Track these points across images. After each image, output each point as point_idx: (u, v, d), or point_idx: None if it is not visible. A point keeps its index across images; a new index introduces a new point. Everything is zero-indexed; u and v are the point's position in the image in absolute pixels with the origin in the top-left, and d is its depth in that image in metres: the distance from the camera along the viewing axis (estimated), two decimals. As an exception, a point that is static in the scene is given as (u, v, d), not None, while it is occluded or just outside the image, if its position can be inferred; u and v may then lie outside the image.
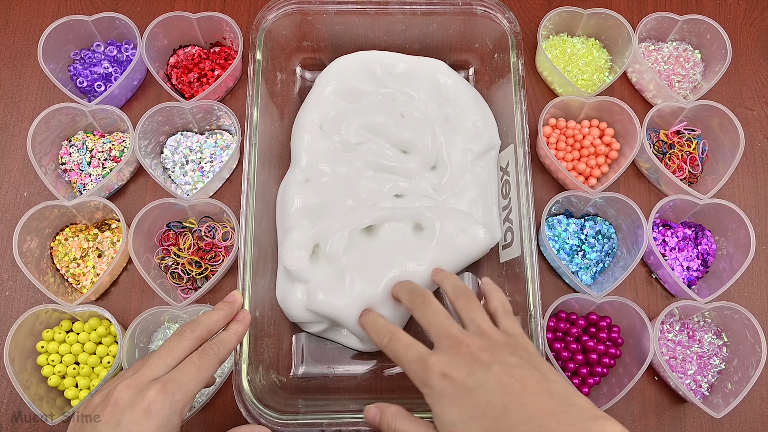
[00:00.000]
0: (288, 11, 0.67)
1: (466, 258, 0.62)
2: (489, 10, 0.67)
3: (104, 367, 0.63)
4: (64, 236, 0.67)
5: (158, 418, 0.40)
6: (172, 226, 0.67)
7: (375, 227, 0.63)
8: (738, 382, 0.61)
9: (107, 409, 0.40)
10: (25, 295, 0.66)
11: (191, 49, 0.75)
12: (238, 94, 0.74)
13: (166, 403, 0.40)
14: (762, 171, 0.73)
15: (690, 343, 0.65)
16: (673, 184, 0.68)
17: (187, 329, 0.45)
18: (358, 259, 0.60)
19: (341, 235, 0.60)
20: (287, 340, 0.64)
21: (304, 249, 0.60)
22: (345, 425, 0.54)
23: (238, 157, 0.70)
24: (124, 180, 0.70)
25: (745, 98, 0.75)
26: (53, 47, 0.70)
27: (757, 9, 0.79)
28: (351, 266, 0.59)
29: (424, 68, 0.70)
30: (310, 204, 0.62)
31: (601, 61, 0.74)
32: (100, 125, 0.71)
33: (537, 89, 0.75)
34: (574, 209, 0.69)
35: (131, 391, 0.41)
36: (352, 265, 0.59)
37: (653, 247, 0.64)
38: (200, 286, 0.65)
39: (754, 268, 0.69)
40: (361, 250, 0.61)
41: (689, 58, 0.75)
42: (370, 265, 0.60)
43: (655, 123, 0.72)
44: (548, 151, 0.67)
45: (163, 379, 0.42)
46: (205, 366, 0.44)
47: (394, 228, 0.62)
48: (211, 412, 0.63)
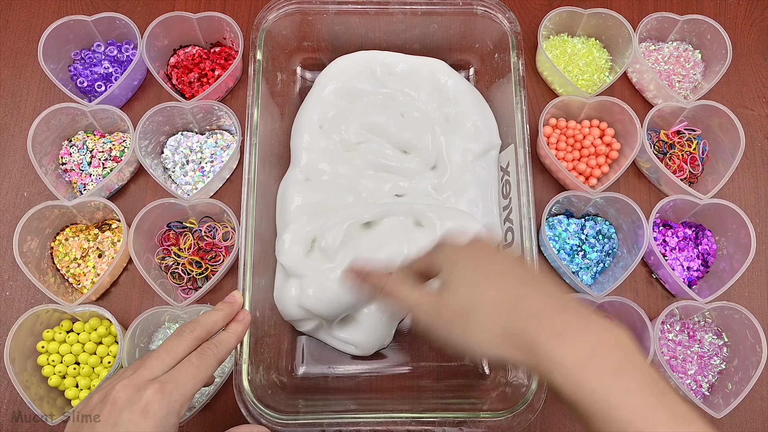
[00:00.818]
0: (288, 11, 0.67)
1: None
2: (489, 10, 0.67)
3: (104, 367, 0.63)
4: (65, 236, 0.67)
5: (155, 418, 0.40)
6: (173, 226, 0.67)
7: (373, 223, 0.62)
8: (738, 382, 0.61)
9: (105, 408, 0.40)
10: (25, 295, 0.66)
11: (191, 49, 0.75)
12: (238, 94, 0.74)
13: (164, 402, 0.40)
14: (762, 171, 0.73)
15: (690, 343, 0.65)
16: (674, 184, 0.68)
17: (186, 329, 0.45)
18: (353, 254, 0.60)
19: (338, 230, 0.59)
20: (287, 340, 0.64)
21: (299, 244, 0.60)
22: (345, 425, 0.54)
23: (239, 157, 0.71)
24: (124, 180, 0.70)
25: (745, 98, 0.75)
26: (53, 47, 0.70)
27: (757, 9, 0.79)
28: (345, 261, 0.59)
29: (425, 68, 0.70)
30: (310, 202, 0.62)
31: (602, 61, 0.74)
32: (100, 125, 0.71)
33: (537, 89, 0.75)
34: (574, 209, 0.69)
35: (129, 391, 0.41)
36: (347, 259, 0.59)
37: (653, 247, 0.64)
38: (200, 286, 0.65)
39: (754, 268, 0.69)
40: (358, 246, 0.61)
41: (689, 58, 0.75)
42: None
43: (655, 123, 0.72)
44: (548, 151, 0.67)
45: (160, 379, 0.42)
46: (203, 366, 0.44)
47: (392, 224, 0.62)
48: (211, 412, 0.63)
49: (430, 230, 0.62)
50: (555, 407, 0.64)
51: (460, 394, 0.62)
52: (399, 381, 0.64)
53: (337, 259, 0.59)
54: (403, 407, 0.58)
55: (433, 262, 0.47)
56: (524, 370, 0.57)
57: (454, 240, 0.49)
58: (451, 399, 0.61)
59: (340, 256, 0.59)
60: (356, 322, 0.62)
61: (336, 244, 0.59)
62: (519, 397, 0.55)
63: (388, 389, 0.63)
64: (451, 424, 0.54)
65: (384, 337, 0.63)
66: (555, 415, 0.64)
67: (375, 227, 0.62)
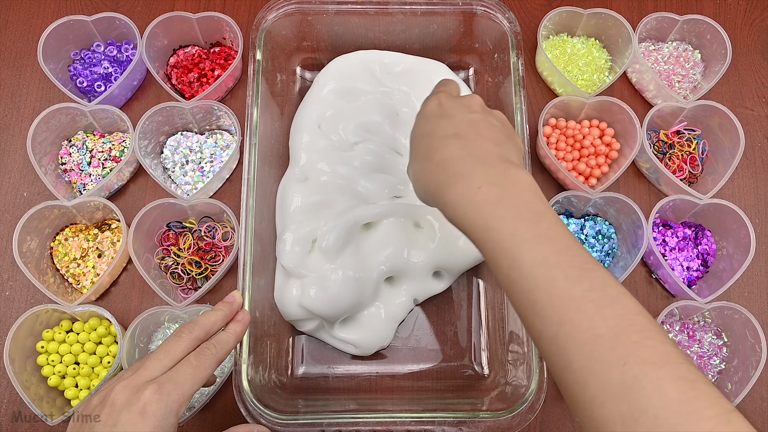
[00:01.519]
0: (288, 11, 0.67)
1: (468, 261, 0.62)
2: (489, 10, 0.67)
3: (104, 367, 0.63)
4: (64, 236, 0.67)
5: (154, 419, 0.40)
6: (172, 226, 0.67)
7: (373, 224, 0.62)
8: (738, 383, 0.61)
9: (105, 410, 0.41)
10: (25, 295, 0.66)
11: (191, 49, 0.75)
12: (238, 94, 0.74)
13: (162, 403, 0.41)
14: (762, 171, 0.73)
15: (690, 343, 0.65)
16: (673, 184, 0.68)
17: (185, 330, 0.45)
18: (354, 255, 0.60)
19: (339, 231, 0.59)
20: (287, 340, 0.64)
21: (300, 245, 0.60)
22: (345, 425, 0.54)
23: (238, 157, 0.70)
24: (124, 180, 0.70)
25: (745, 98, 0.75)
26: (53, 47, 0.70)
27: (757, 9, 0.79)
28: (346, 262, 0.59)
29: (424, 69, 0.70)
30: (310, 202, 0.62)
31: (601, 61, 0.74)
32: (100, 125, 0.71)
33: (537, 89, 0.75)
34: (574, 209, 0.69)
35: (127, 391, 0.41)
36: (348, 260, 0.59)
37: (653, 247, 0.64)
38: (200, 286, 0.65)
39: (754, 268, 0.69)
40: (358, 247, 0.61)
41: (689, 58, 0.75)
42: (365, 261, 0.60)
43: (655, 123, 0.72)
44: (548, 151, 0.67)
45: (159, 380, 0.42)
46: (202, 366, 0.44)
47: (392, 225, 0.62)
48: (211, 412, 0.63)
49: (429, 231, 0.62)
50: (555, 407, 0.64)
51: (459, 394, 0.62)
52: (399, 381, 0.64)
53: (338, 261, 0.59)
54: (403, 407, 0.58)
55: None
56: (524, 369, 0.57)
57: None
58: (450, 399, 0.61)
59: (341, 257, 0.59)
60: (357, 322, 0.62)
61: (337, 246, 0.59)
62: (519, 397, 0.55)
63: (387, 389, 0.63)
64: (451, 424, 0.55)
65: (384, 337, 0.63)
66: (555, 415, 0.64)
67: (375, 228, 0.62)
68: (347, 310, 0.59)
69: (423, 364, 0.64)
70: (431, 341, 0.65)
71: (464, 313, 0.66)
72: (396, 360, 0.64)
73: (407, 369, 0.64)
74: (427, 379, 0.64)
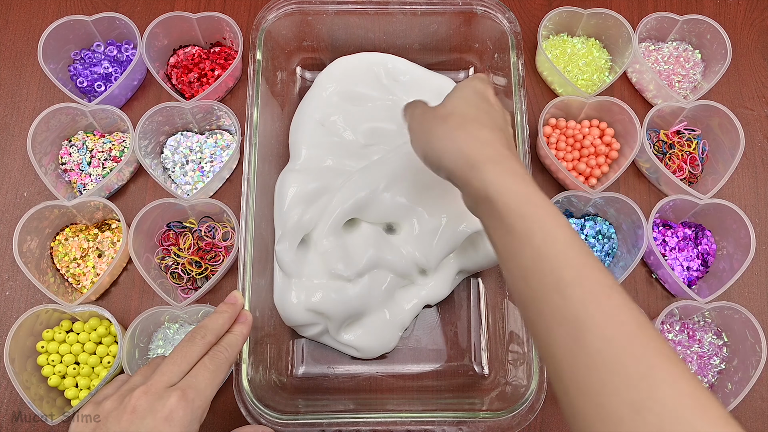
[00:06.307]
0: (288, 11, 0.67)
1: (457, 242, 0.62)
2: (489, 10, 0.67)
3: (104, 367, 0.63)
4: (64, 236, 0.67)
5: (180, 426, 0.40)
6: (172, 226, 0.67)
7: (396, 225, 0.63)
8: (738, 382, 0.61)
9: (124, 416, 0.40)
10: (25, 295, 0.66)
11: (191, 49, 0.75)
12: (238, 94, 0.74)
13: (188, 410, 0.41)
14: (762, 171, 0.73)
15: (690, 343, 0.65)
16: (673, 184, 0.68)
17: (198, 335, 0.46)
18: (343, 248, 0.60)
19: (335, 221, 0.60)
20: (287, 341, 0.64)
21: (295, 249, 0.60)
22: (345, 425, 0.54)
23: (238, 157, 0.70)
24: (124, 180, 0.70)
25: (745, 98, 0.75)
26: (53, 47, 0.69)
27: (757, 9, 0.79)
28: (334, 254, 0.59)
29: (432, 84, 0.70)
30: (307, 190, 0.62)
31: (601, 61, 0.74)
32: (100, 125, 0.71)
33: (537, 89, 0.75)
34: (574, 209, 0.69)
35: (150, 397, 0.41)
36: (336, 253, 0.60)
37: (653, 247, 0.64)
38: (200, 286, 0.65)
39: (754, 268, 0.69)
40: (379, 248, 0.61)
41: (689, 58, 0.75)
42: (356, 255, 0.60)
43: (655, 123, 0.72)
44: (548, 151, 0.67)
45: (181, 386, 0.42)
46: (218, 370, 0.44)
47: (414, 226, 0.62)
48: (211, 412, 0.62)
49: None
50: (555, 407, 0.64)
51: (459, 394, 0.62)
52: (399, 381, 0.64)
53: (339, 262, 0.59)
54: (403, 407, 0.58)
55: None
56: (524, 369, 0.57)
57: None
58: (450, 399, 0.61)
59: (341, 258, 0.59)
60: (361, 327, 0.62)
61: (337, 228, 0.59)
62: (519, 397, 0.55)
63: (387, 389, 0.63)
64: (451, 424, 0.55)
65: (388, 342, 0.63)
66: (555, 415, 0.64)
67: (398, 229, 0.63)
68: (355, 308, 0.59)
69: (423, 364, 0.64)
70: (431, 341, 0.65)
71: (464, 313, 0.66)
72: (396, 360, 0.64)
73: (407, 369, 0.64)
74: (427, 379, 0.64)
